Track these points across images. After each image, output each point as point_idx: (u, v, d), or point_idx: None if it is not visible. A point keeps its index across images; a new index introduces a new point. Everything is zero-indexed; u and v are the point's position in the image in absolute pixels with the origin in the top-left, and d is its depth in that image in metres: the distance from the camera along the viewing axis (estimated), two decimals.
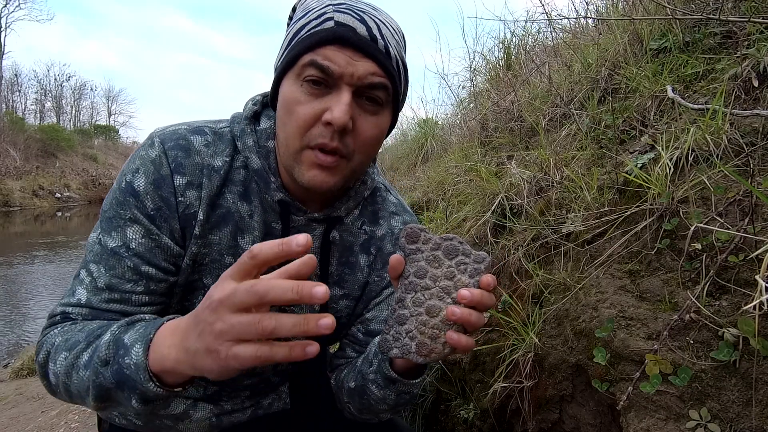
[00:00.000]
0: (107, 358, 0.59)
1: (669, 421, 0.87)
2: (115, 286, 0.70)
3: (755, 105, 1.25)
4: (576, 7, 2.74)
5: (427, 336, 0.59)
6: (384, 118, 0.73)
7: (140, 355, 0.56)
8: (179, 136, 0.74)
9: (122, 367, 0.57)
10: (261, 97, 0.82)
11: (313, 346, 0.48)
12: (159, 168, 0.72)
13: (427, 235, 0.62)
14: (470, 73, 3.68)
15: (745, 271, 0.92)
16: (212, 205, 0.75)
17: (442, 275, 0.60)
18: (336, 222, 0.83)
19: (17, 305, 5.91)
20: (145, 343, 0.56)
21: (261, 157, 0.77)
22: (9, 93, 32.70)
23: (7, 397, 3.22)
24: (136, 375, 0.56)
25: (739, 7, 1.59)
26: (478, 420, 1.40)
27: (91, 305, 0.70)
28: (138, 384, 0.56)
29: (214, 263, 0.76)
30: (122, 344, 0.58)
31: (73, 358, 0.62)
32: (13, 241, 11.06)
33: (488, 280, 0.59)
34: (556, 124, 2.13)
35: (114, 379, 0.58)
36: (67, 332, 0.66)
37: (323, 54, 0.66)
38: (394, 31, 0.72)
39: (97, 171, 25.16)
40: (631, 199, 1.26)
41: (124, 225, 0.71)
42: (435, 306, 0.60)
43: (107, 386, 0.58)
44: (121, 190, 0.72)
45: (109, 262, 0.70)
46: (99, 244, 0.72)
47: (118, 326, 0.62)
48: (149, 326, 0.59)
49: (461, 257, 0.61)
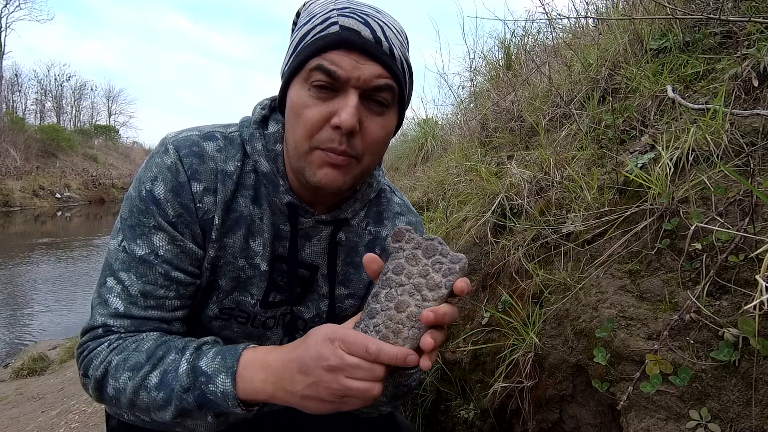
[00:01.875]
0: (188, 386, 0.66)
1: (669, 421, 0.87)
2: (149, 293, 0.73)
3: (755, 105, 1.25)
4: (576, 7, 2.74)
5: (390, 330, 0.60)
6: (390, 119, 0.74)
7: (228, 386, 0.65)
8: (192, 142, 0.76)
9: (205, 393, 0.66)
10: (269, 102, 0.83)
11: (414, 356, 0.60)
12: (176, 175, 0.74)
13: (412, 235, 0.64)
14: (470, 73, 3.69)
15: (745, 271, 0.92)
16: (227, 210, 0.77)
17: (417, 273, 0.62)
18: (342, 224, 0.84)
19: (17, 305, 5.91)
20: (230, 375, 0.65)
21: (269, 161, 0.78)
22: (9, 93, 32.71)
23: (7, 397, 3.23)
24: (222, 402, 0.65)
25: (739, 7, 1.58)
26: (478, 420, 1.40)
27: (131, 315, 0.73)
28: (222, 408, 0.66)
29: (227, 265, 0.79)
30: (201, 372, 0.67)
31: (140, 379, 0.68)
32: (14, 241, 11.06)
33: (461, 285, 0.60)
34: (556, 124, 2.13)
35: (196, 403, 0.66)
36: (122, 350, 0.71)
37: (329, 58, 0.67)
38: (398, 33, 0.73)
39: (98, 171, 25.16)
40: (631, 199, 1.26)
41: (149, 233, 0.73)
42: (404, 302, 0.61)
43: (189, 408, 0.67)
44: (141, 199, 0.73)
45: (140, 270, 0.73)
46: (124, 252, 0.73)
47: (190, 353, 0.69)
48: (226, 356, 0.67)
49: (438, 257, 0.62)
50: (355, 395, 0.59)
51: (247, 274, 0.80)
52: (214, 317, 0.82)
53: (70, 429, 2.55)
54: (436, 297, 0.60)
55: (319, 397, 0.61)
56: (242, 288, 0.81)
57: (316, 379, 0.60)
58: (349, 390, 0.59)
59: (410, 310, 0.60)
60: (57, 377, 3.51)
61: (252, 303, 0.82)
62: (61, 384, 3.27)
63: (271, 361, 0.65)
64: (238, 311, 0.82)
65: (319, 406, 0.62)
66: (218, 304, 0.81)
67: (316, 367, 0.60)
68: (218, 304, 0.81)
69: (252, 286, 0.81)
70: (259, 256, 0.79)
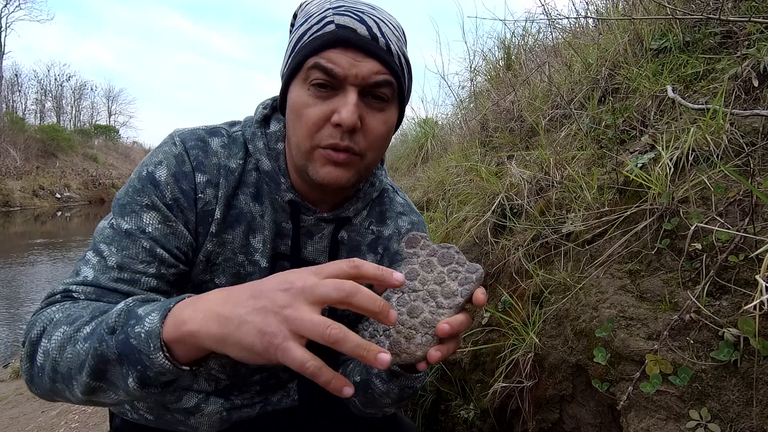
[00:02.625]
0: (115, 326, 0.54)
1: (669, 421, 0.87)
2: (126, 265, 0.69)
3: (755, 105, 1.25)
4: (576, 7, 2.74)
5: (402, 335, 0.59)
6: (391, 114, 0.74)
7: (155, 322, 0.52)
8: (198, 136, 0.77)
9: (129, 336, 0.53)
10: (271, 102, 0.84)
11: (350, 388, 0.48)
12: (181, 164, 0.74)
13: (427, 242, 0.63)
14: (470, 73, 3.69)
15: (745, 271, 0.92)
16: (228, 205, 0.77)
17: (432, 279, 0.61)
18: (345, 222, 0.85)
19: (17, 305, 5.91)
20: (162, 312, 0.53)
21: (271, 159, 0.79)
22: (9, 93, 32.70)
23: (7, 397, 3.22)
24: (145, 344, 0.51)
25: (739, 7, 1.58)
26: (478, 420, 1.40)
27: (98, 283, 0.67)
28: (143, 356, 0.52)
29: (227, 262, 0.79)
30: (135, 314, 0.54)
31: (72, 331, 0.58)
32: (14, 241, 11.06)
33: (480, 297, 0.58)
34: (556, 124, 2.13)
35: (117, 349, 0.53)
36: (68, 309, 0.62)
37: (327, 57, 0.67)
38: (394, 28, 0.74)
39: (98, 171, 25.16)
40: (631, 199, 1.26)
41: (140, 210, 0.71)
42: (417, 307, 0.60)
43: (107, 356, 0.54)
44: (140, 179, 0.73)
45: (122, 243, 0.69)
46: (111, 227, 0.71)
47: (134, 299, 0.59)
48: (171, 300, 0.56)
49: (454, 265, 0.61)
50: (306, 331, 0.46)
51: (247, 270, 0.80)
52: None
53: (70, 429, 2.56)
54: (451, 305, 0.59)
55: (264, 326, 0.47)
56: None
57: (267, 302, 0.48)
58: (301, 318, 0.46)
59: (424, 316, 0.59)
60: None
61: None
62: None
63: (213, 294, 0.54)
64: None
65: (257, 341, 0.47)
66: None
67: (273, 289, 0.49)
68: None
69: None
70: (258, 253, 0.80)
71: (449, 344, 0.58)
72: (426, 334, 0.58)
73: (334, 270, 0.50)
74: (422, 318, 0.59)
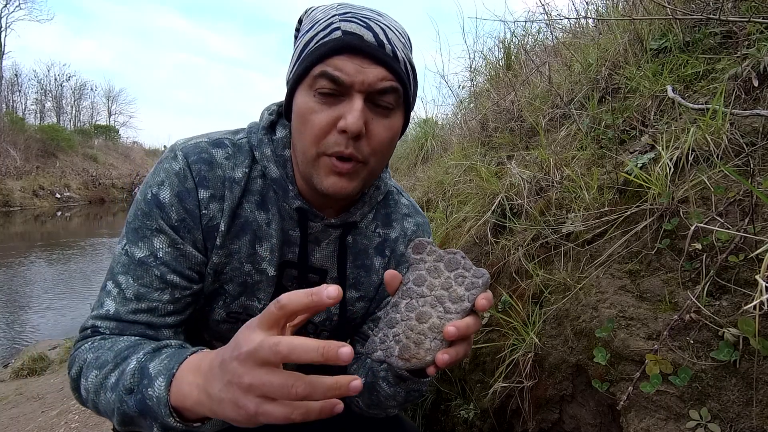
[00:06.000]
0: (132, 387, 0.61)
1: (669, 421, 0.87)
2: (143, 295, 0.72)
3: (755, 105, 1.25)
4: (576, 7, 2.74)
5: (412, 340, 0.59)
6: (396, 120, 0.74)
7: (162, 390, 0.57)
8: (201, 149, 0.77)
9: (145, 397, 0.59)
10: (276, 107, 0.83)
11: (339, 405, 0.49)
12: (184, 181, 0.74)
13: (433, 248, 0.64)
14: (470, 73, 3.69)
15: (745, 271, 0.92)
16: (233, 216, 0.77)
17: (439, 285, 0.61)
18: (351, 227, 0.85)
19: (17, 305, 5.91)
20: (167, 377, 0.58)
21: (279, 166, 0.79)
22: (9, 93, 32.65)
23: (7, 397, 3.22)
24: (157, 408, 0.57)
25: (739, 7, 1.58)
26: (478, 420, 1.40)
27: (119, 317, 0.72)
28: (159, 417, 0.58)
29: (234, 271, 0.79)
30: (147, 374, 0.60)
31: (102, 377, 0.64)
32: (14, 241, 11.06)
33: (483, 302, 0.58)
34: (556, 124, 2.13)
35: (137, 408, 0.60)
36: (97, 349, 0.69)
37: (333, 64, 0.67)
38: (400, 35, 0.74)
39: (98, 171, 25.13)
40: (631, 199, 1.26)
41: (151, 235, 0.73)
42: (426, 313, 0.60)
43: (131, 414, 0.60)
44: (146, 202, 0.74)
45: (137, 272, 0.73)
46: (126, 255, 0.74)
47: (145, 353, 0.64)
48: (173, 358, 0.61)
49: (461, 270, 0.62)
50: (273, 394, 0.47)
51: (254, 279, 0.80)
52: (222, 321, 0.83)
53: (69, 429, 2.55)
54: (458, 310, 0.60)
55: (234, 400, 0.48)
56: (249, 293, 0.81)
57: (230, 375, 0.49)
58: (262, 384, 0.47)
59: (432, 321, 0.60)
60: (57, 377, 3.51)
61: (260, 308, 0.82)
62: (61, 384, 3.27)
63: (204, 362, 0.56)
64: (245, 315, 0.83)
65: (236, 415, 0.49)
66: (225, 308, 0.82)
67: (230, 358, 0.49)
68: (225, 308, 0.82)
69: (259, 291, 0.81)
70: (266, 261, 0.80)
71: (458, 348, 0.58)
72: (435, 339, 0.59)
73: (267, 318, 0.49)
74: (430, 323, 0.59)
